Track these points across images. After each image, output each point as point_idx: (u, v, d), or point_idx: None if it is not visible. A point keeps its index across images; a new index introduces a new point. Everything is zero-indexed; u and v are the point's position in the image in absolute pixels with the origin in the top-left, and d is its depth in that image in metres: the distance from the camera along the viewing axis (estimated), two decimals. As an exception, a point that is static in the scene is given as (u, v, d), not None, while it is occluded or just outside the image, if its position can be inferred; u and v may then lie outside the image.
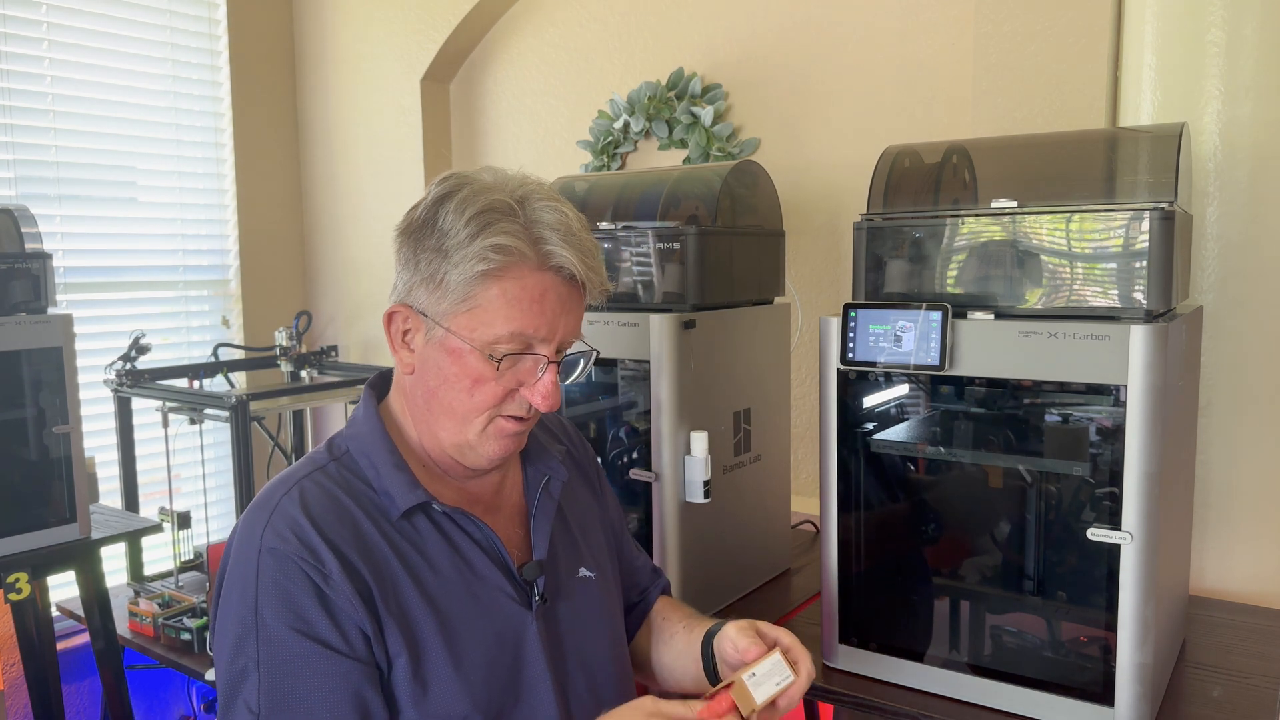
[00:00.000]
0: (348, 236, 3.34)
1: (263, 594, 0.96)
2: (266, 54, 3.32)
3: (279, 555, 0.97)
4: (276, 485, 1.04)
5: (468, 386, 1.03)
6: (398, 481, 1.05)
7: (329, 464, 1.06)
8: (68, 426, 2.05)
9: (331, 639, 0.96)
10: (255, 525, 1.00)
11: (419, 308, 1.04)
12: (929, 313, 1.30)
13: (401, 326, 1.07)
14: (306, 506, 1.00)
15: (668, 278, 1.66)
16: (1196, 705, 1.33)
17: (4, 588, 2.05)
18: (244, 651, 0.96)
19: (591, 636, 1.16)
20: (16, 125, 2.74)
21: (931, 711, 1.33)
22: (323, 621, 0.96)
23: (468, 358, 1.02)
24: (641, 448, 1.65)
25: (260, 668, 0.95)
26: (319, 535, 0.98)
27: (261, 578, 0.97)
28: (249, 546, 0.99)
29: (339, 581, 0.97)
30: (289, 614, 0.96)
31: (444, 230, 1.01)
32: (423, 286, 1.03)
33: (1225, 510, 1.71)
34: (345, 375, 2.98)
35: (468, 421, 1.05)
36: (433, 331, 1.04)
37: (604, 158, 2.67)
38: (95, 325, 2.89)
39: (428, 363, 1.05)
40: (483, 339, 1.01)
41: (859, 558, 1.43)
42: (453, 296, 1.01)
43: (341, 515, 1.01)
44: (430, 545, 1.05)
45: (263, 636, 0.95)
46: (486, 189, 1.02)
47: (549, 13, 2.81)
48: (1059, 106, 1.83)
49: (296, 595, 0.96)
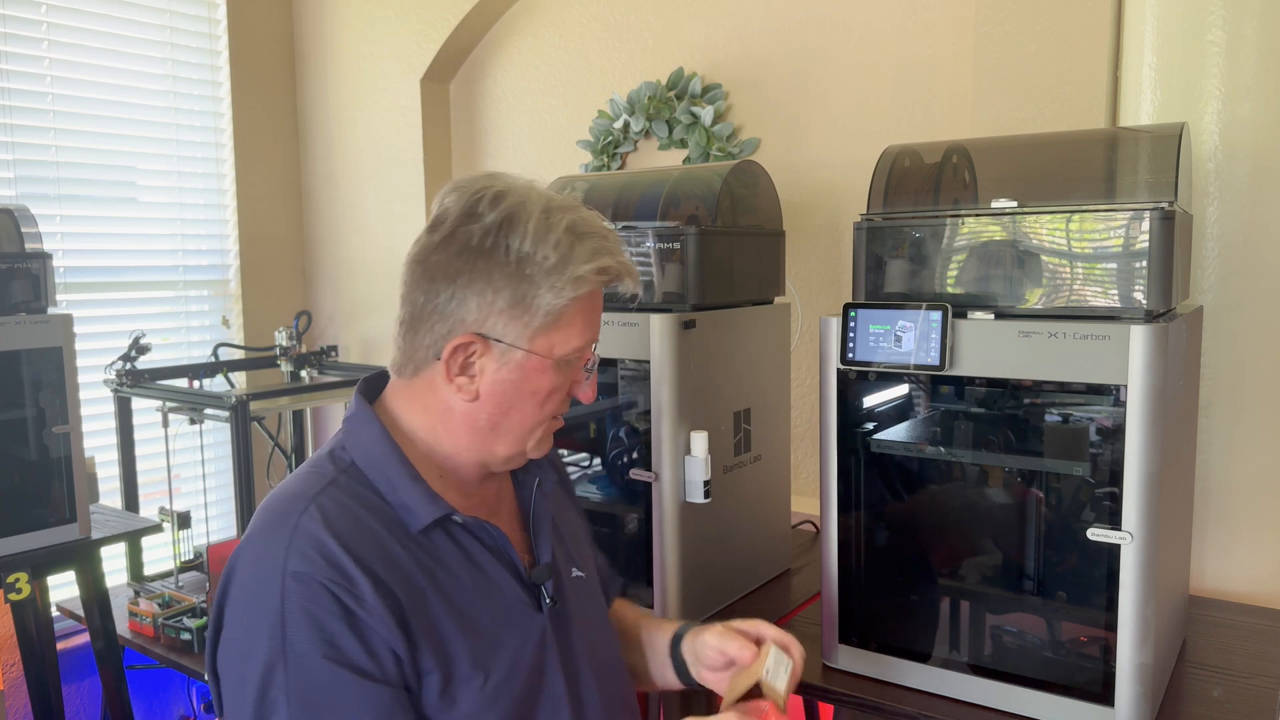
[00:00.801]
0: (348, 236, 3.34)
1: (290, 622, 0.91)
2: (266, 54, 3.32)
3: (306, 579, 0.92)
4: (288, 503, 0.98)
5: (541, 400, 1.06)
6: (417, 495, 1.02)
7: (339, 478, 1.01)
8: (68, 426, 2.05)
9: (365, 665, 0.92)
10: (274, 547, 0.94)
11: (494, 335, 1.02)
12: (929, 313, 1.30)
13: (464, 357, 1.03)
14: (330, 524, 0.95)
15: (668, 278, 1.66)
16: (1196, 705, 1.33)
17: (4, 588, 2.05)
18: (272, 682, 0.90)
19: (595, 636, 1.17)
20: (16, 125, 2.74)
21: (932, 711, 1.33)
22: (355, 647, 0.92)
23: (546, 373, 1.04)
24: (641, 448, 1.65)
25: (290, 699, 0.90)
26: (347, 555, 0.94)
27: (288, 605, 0.91)
28: (270, 571, 0.93)
29: (372, 603, 0.93)
30: (320, 642, 0.91)
31: (524, 255, 1.00)
32: (503, 315, 1.01)
33: (1225, 510, 1.71)
34: (345, 375, 2.98)
35: (529, 435, 1.07)
36: (509, 355, 1.03)
37: (604, 158, 2.67)
38: (95, 325, 2.89)
39: (500, 387, 1.04)
40: (561, 353, 1.04)
41: (859, 558, 1.43)
42: (540, 320, 1.02)
43: (364, 532, 0.97)
44: (447, 557, 1.03)
45: (292, 667, 0.90)
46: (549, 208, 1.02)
47: (549, 13, 2.81)
48: (1059, 106, 1.83)
49: (327, 621, 0.91)
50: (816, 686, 1.43)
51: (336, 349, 3.16)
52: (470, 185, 1.04)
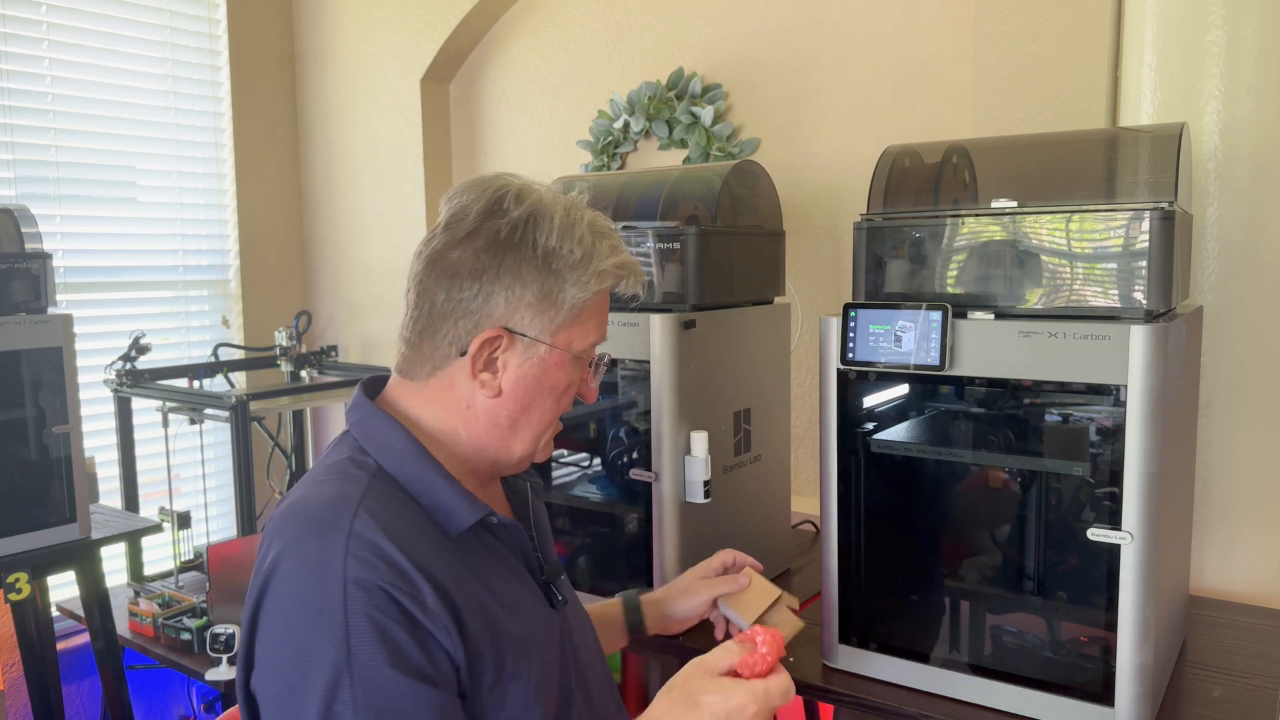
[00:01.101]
0: (348, 237, 3.34)
1: (355, 631, 0.86)
2: (266, 54, 3.32)
3: (369, 587, 0.88)
4: (332, 507, 0.94)
5: (558, 396, 1.08)
6: (456, 496, 1.00)
7: (371, 481, 0.98)
8: (68, 426, 2.05)
9: (429, 672, 0.89)
10: (329, 554, 0.89)
11: (520, 330, 1.03)
12: (929, 313, 1.30)
13: (490, 352, 1.03)
14: (385, 529, 0.92)
15: (668, 278, 1.66)
16: (1196, 705, 1.33)
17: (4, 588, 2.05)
18: (338, 697, 0.86)
19: (588, 633, 1.20)
20: (16, 125, 2.74)
21: (931, 711, 1.33)
22: (419, 654, 0.89)
23: (566, 368, 1.07)
24: (641, 448, 1.65)
25: (358, 711, 0.86)
26: (406, 558, 0.90)
27: (352, 614, 0.87)
28: (327, 580, 0.88)
29: (434, 607, 0.90)
30: (387, 650, 0.87)
31: (550, 250, 1.02)
32: (530, 309, 1.02)
33: (1225, 510, 1.71)
34: (345, 375, 2.98)
35: (545, 430, 1.09)
36: (533, 349, 1.04)
37: (604, 158, 2.67)
38: (95, 325, 2.89)
39: (523, 382, 1.05)
40: (579, 348, 1.07)
41: (859, 558, 1.43)
42: (565, 315, 1.04)
43: (415, 534, 0.95)
44: (481, 557, 1.02)
45: (359, 678, 0.86)
46: (571, 206, 1.06)
47: (549, 13, 2.81)
48: (1059, 106, 1.83)
49: (392, 628, 0.88)
50: (816, 686, 1.43)
51: (336, 349, 3.16)
52: (489, 184, 1.05)
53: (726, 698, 0.95)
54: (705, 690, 0.96)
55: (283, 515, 0.96)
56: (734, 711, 0.95)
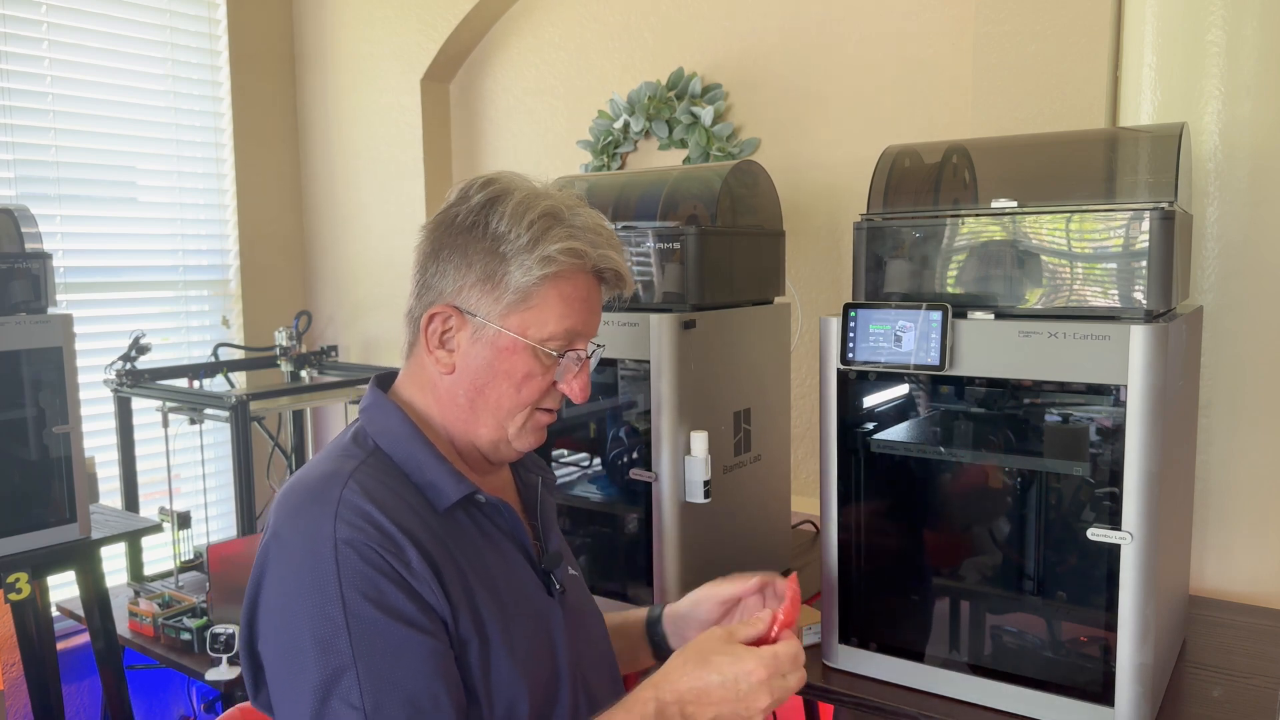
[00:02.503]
0: (348, 236, 3.34)
1: (348, 586, 0.93)
2: (266, 54, 3.32)
3: (357, 545, 0.94)
4: (324, 481, 1.00)
5: (517, 383, 1.07)
6: (442, 473, 1.05)
7: (366, 458, 1.04)
8: (68, 426, 2.05)
9: (421, 621, 0.95)
10: (320, 520, 0.96)
11: (467, 308, 1.06)
12: (929, 313, 1.30)
13: (441, 327, 1.08)
14: (371, 496, 0.98)
15: (668, 278, 1.66)
16: (1196, 705, 1.33)
17: (4, 588, 2.05)
18: (335, 650, 0.91)
19: (594, 631, 1.20)
20: (16, 125, 2.74)
21: (931, 711, 1.33)
22: (410, 605, 0.95)
23: (520, 354, 1.06)
24: (641, 448, 1.65)
25: (358, 661, 0.91)
26: (392, 522, 0.97)
27: (344, 570, 0.93)
28: (319, 543, 0.95)
29: (418, 567, 0.96)
30: (379, 602, 0.93)
31: (499, 234, 1.05)
32: (476, 288, 1.06)
33: (1225, 510, 1.71)
34: (345, 375, 2.98)
35: (511, 417, 1.09)
36: (482, 331, 1.06)
37: (604, 158, 2.67)
38: (95, 325, 2.89)
39: (474, 361, 1.07)
40: (536, 336, 1.06)
41: (859, 558, 1.43)
42: (511, 297, 1.05)
43: (402, 504, 1.01)
44: (471, 536, 1.06)
45: (355, 629, 0.92)
46: (536, 195, 1.07)
47: (549, 12, 2.81)
48: (1059, 106, 1.83)
49: (381, 581, 0.94)
50: (816, 686, 1.43)
51: (336, 349, 3.16)
52: (475, 178, 1.10)
53: (735, 659, 0.96)
54: (716, 651, 0.98)
55: (283, 493, 1.03)
56: (742, 675, 0.96)
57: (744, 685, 0.96)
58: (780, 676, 0.97)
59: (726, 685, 0.96)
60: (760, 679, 0.96)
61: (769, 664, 0.96)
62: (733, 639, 1.00)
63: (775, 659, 0.97)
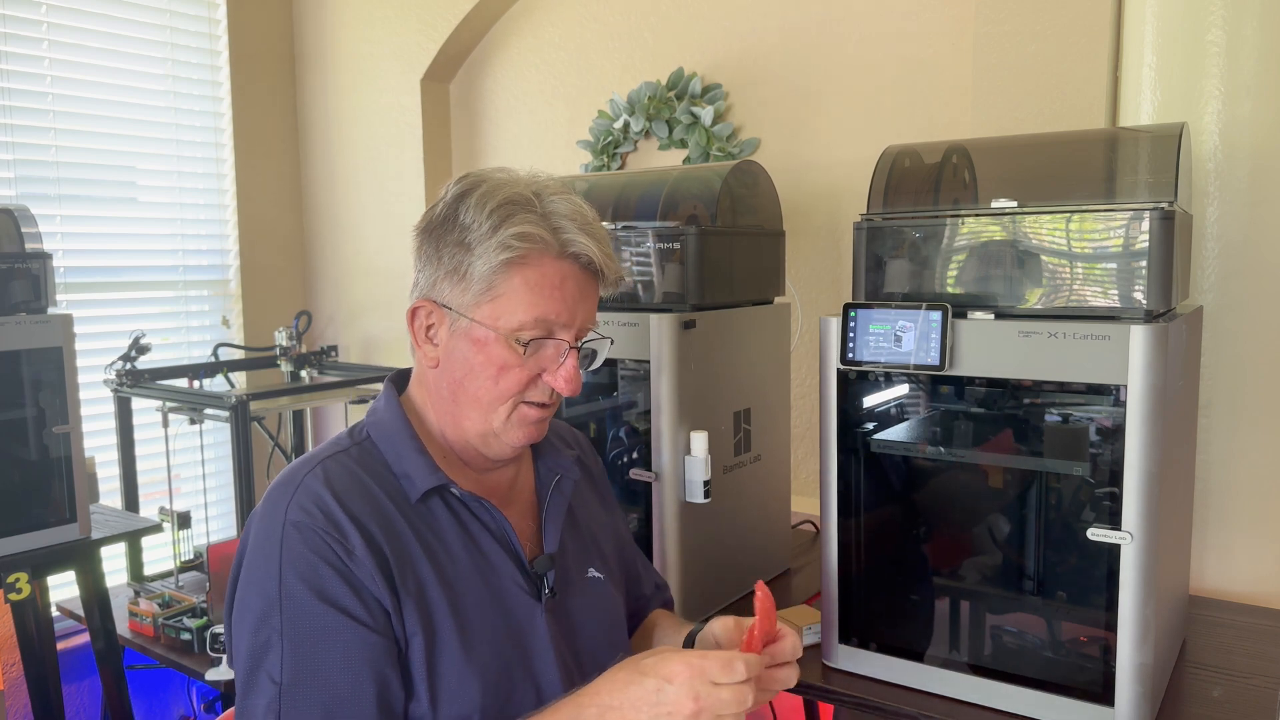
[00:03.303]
0: (348, 236, 3.34)
1: (286, 566, 0.97)
2: (266, 54, 3.32)
3: (303, 528, 0.98)
4: (299, 465, 1.05)
5: (493, 374, 1.07)
6: (418, 464, 1.07)
7: (351, 447, 1.08)
8: (68, 426, 2.05)
9: (355, 610, 0.97)
10: (279, 501, 1.01)
11: (442, 301, 1.08)
12: (929, 313, 1.30)
13: (424, 322, 1.10)
14: (330, 483, 1.02)
15: (668, 278, 1.66)
16: (1196, 705, 1.33)
17: (4, 588, 2.05)
18: (268, 623, 0.96)
19: (602, 635, 1.17)
20: (16, 125, 2.74)
21: (931, 711, 1.33)
22: (346, 593, 0.97)
23: (493, 345, 1.06)
24: (641, 448, 1.65)
25: (284, 638, 0.95)
26: (342, 510, 1.00)
27: (286, 550, 0.97)
28: (273, 522, 1.00)
29: (361, 556, 0.98)
30: (314, 583, 0.97)
31: (465, 225, 1.05)
32: (446, 280, 1.07)
33: (1225, 510, 1.71)
34: (345, 375, 2.98)
35: (493, 409, 1.08)
36: (457, 323, 1.07)
37: (604, 158, 2.67)
38: (95, 325, 2.89)
39: (453, 354, 1.08)
40: (507, 326, 1.05)
41: (859, 558, 1.43)
42: (477, 287, 1.05)
43: (364, 493, 1.03)
44: (446, 530, 1.07)
45: (287, 608, 0.96)
46: (503, 184, 1.07)
47: (549, 13, 2.81)
48: (1059, 106, 1.83)
49: (320, 567, 0.97)
50: (816, 686, 1.43)
51: (336, 349, 3.16)
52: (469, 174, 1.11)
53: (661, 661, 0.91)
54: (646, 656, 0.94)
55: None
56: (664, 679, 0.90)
57: (667, 691, 0.90)
58: (707, 684, 0.90)
59: (646, 691, 0.91)
60: (682, 681, 0.90)
61: (694, 668, 0.90)
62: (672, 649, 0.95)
63: (701, 663, 0.90)
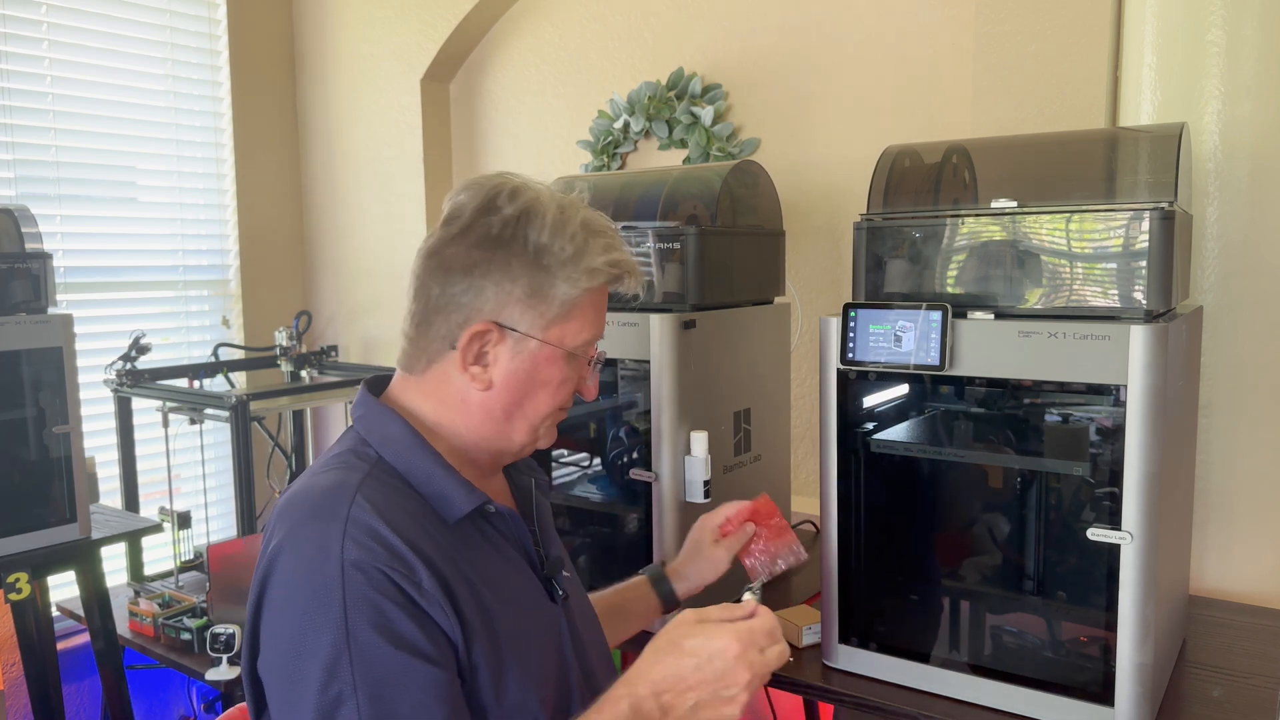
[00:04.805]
0: (348, 236, 3.34)
1: (352, 610, 0.89)
2: (266, 54, 3.32)
3: (365, 567, 0.90)
4: (329, 495, 0.96)
5: (554, 390, 1.08)
6: (454, 485, 1.03)
7: (372, 469, 1.01)
8: (68, 426, 2.05)
9: (427, 650, 0.91)
10: (328, 538, 0.92)
11: (510, 324, 1.04)
12: (929, 313, 1.30)
13: (480, 346, 1.05)
14: (381, 513, 0.94)
15: (668, 278, 1.66)
16: (1196, 705, 1.33)
17: (4, 588, 2.05)
18: (338, 677, 0.88)
19: (595, 631, 1.20)
20: (16, 125, 2.74)
21: (931, 711, 1.33)
22: (417, 633, 0.91)
23: (559, 364, 1.07)
24: (641, 448, 1.65)
25: (358, 691, 0.88)
26: (403, 542, 0.93)
27: (349, 593, 0.89)
28: (325, 562, 0.91)
29: (430, 589, 0.93)
30: (385, 629, 0.90)
31: (542, 247, 1.03)
32: (519, 303, 1.04)
33: (1225, 510, 1.71)
34: (345, 375, 2.98)
35: (540, 424, 1.10)
36: (523, 344, 1.05)
37: (604, 158, 2.67)
38: (95, 325, 2.89)
39: (515, 376, 1.06)
40: (573, 344, 1.07)
41: (859, 558, 1.43)
42: (556, 309, 1.05)
43: (410, 520, 0.97)
44: (479, 548, 1.04)
45: (357, 657, 0.88)
46: (568, 205, 1.07)
47: (549, 13, 2.81)
48: (1059, 106, 1.83)
49: (389, 608, 0.90)
50: (816, 686, 1.43)
51: (336, 349, 3.16)
52: (486, 182, 1.07)
53: (707, 638, 0.93)
54: (687, 635, 0.94)
55: (285, 504, 0.98)
56: (716, 653, 0.92)
57: (720, 664, 0.91)
58: (757, 650, 0.93)
59: (701, 667, 0.92)
60: (735, 654, 0.91)
61: (743, 638, 0.92)
62: (705, 620, 0.95)
63: (750, 632, 0.93)
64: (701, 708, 0.92)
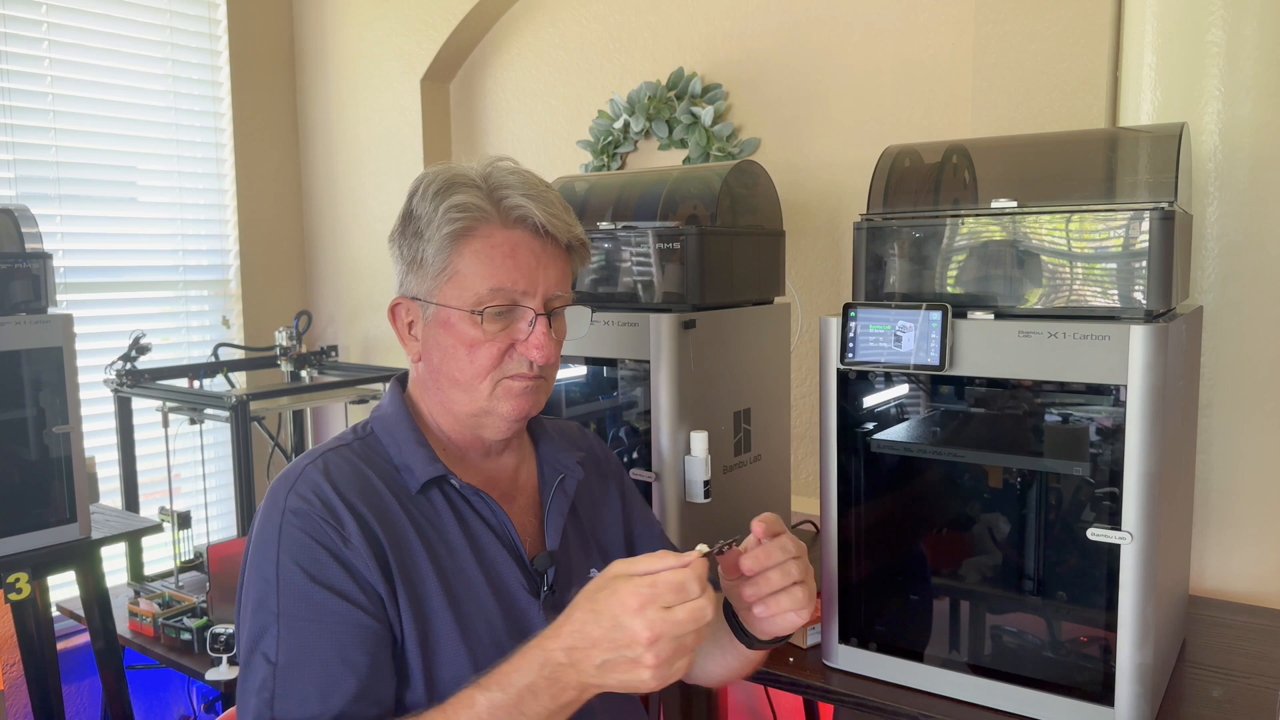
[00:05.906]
0: (348, 236, 3.34)
1: (284, 550, 1.00)
2: (266, 54, 3.32)
3: (301, 514, 1.01)
4: (302, 458, 1.09)
5: (465, 353, 1.08)
6: (418, 456, 1.09)
7: (354, 441, 1.12)
8: (68, 426, 2.05)
9: (351, 592, 0.99)
10: (280, 491, 1.04)
11: (411, 294, 1.12)
12: (929, 313, 1.30)
13: (405, 319, 1.14)
14: (329, 473, 1.05)
15: (668, 278, 1.66)
16: (1196, 705, 1.33)
17: (4, 588, 2.05)
18: (265, 607, 0.99)
19: None
20: (16, 125, 2.74)
21: (931, 711, 1.33)
22: (342, 576, 1.00)
23: (458, 324, 1.08)
24: (641, 448, 1.65)
25: (280, 620, 0.98)
26: (340, 499, 1.03)
27: (284, 537, 1.00)
28: (274, 510, 1.03)
29: (357, 543, 1.01)
30: (310, 566, 0.99)
31: (417, 215, 1.10)
32: (411, 273, 1.11)
33: (1225, 510, 1.71)
34: (345, 375, 2.98)
35: (473, 387, 1.09)
36: (427, 311, 1.10)
37: (604, 158, 2.67)
38: (95, 325, 2.89)
39: (430, 343, 1.11)
40: (467, 302, 1.07)
41: (859, 558, 1.43)
42: (433, 270, 1.08)
43: (363, 484, 1.06)
44: (445, 522, 1.09)
45: (284, 590, 0.98)
46: (451, 169, 1.11)
47: (549, 12, 2.81)
48: (1059, 106, 1.83)
49: (316, 550, 1.00)
50: (816, 686, 1.43)
51: (337, 349, 3.16)
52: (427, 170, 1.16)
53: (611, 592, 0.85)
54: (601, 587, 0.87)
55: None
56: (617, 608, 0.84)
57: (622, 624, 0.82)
58: (659, 607, 0.82)
59: (602, 623, 0.84)
60: (633, 609, 0.82)
61: (643, 593, 0.82)
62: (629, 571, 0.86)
63: (652, 586, 0.83)
64: (609, 669, 0.84)
